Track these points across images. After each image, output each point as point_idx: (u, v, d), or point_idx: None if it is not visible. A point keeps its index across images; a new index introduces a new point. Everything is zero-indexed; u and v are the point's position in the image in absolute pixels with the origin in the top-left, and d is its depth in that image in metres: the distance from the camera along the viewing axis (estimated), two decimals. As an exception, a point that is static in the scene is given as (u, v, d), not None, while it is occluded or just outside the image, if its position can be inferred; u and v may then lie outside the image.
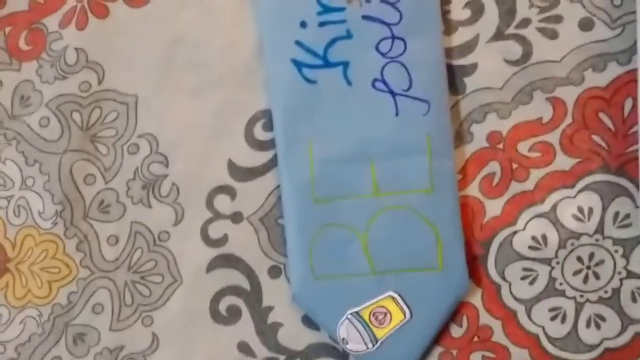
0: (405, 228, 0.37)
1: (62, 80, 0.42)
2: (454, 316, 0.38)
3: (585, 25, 0.38)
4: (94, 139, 0.42)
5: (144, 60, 0.41)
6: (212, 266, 0.40)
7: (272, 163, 0.40)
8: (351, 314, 0.38)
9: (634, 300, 0.37)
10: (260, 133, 0.40)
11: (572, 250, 0.38)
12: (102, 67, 0.41)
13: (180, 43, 0.41)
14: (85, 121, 0.42)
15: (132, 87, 0.41)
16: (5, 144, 0.42)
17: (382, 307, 0.38)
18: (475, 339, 0.39)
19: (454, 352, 0.39)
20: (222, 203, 0.41)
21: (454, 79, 0.39)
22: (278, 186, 0.39)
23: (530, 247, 0.38)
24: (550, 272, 0.38)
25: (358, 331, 0.38)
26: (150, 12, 0.41)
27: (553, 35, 0.38)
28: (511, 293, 0.38)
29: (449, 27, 0.39)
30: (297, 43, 0.38)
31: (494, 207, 0.38)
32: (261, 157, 0.40)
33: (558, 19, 0.38)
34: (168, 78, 0.41)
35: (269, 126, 0.40)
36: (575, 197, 0.38)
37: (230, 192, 0.40)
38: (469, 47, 0.39)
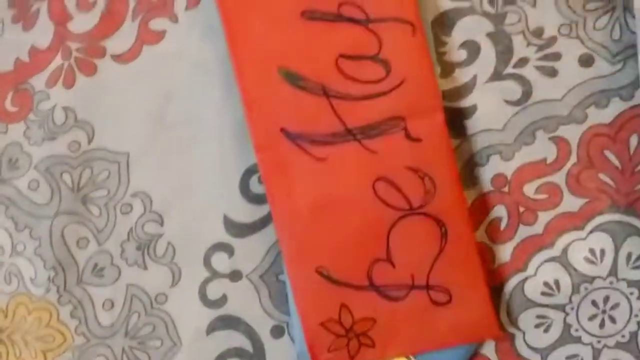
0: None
1: (50, 140, 0.41)
2: (468, 370, 0.37)
3: (585, 61, 0.37)
4: (86, 200, 0.40)
5: (134, 116, 0.40)
6: (212, 328, 0.39)
7: (270, 217, 0.38)
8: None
9: (654, 343, 0.36)
10: (256, 186, 0.39)
11: (587, 295, 0.36)
12: (92, 125, 0.40)
13: (171, 98, 0.40)
14: (75, 182, 0.40)
15: (123, 144, 0.40)
16: (-6, 210, 0.41)
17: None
18: (492, 392, 0.37)
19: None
20: (220, 261, 0.39)
21: (454, 121, 0.38)
22: (277, 241, 0.38)
23: (542, 293, 0.37)
24: (565, 319, 0.36)
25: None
26: (139, 68, 0.40)
27: (552, 73, 0.37)
28: (526, 342, 0.37)
29: (445, 69, 0.38)
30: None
31: (503, 253, 0.37)
32: (258, 212, 0.39)
33: (557, 56, 0.37)
34: (160, 134, 0.40)
35: (265, 179, 0.39)
36: (585, 238, 0.37)
37: (228, 249, 0.39)
38: (467, 88, 0.38)
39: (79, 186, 0.40)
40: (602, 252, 0.36)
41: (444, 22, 0.38)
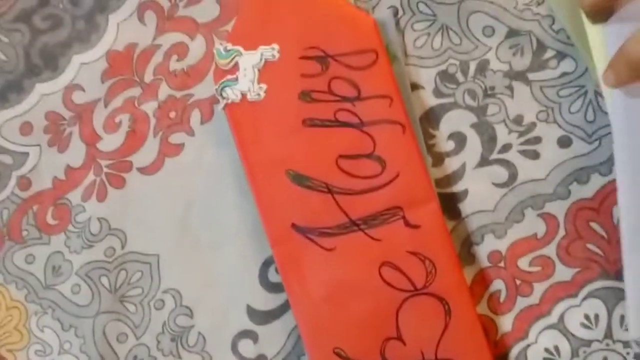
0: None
1: (88, 248, 0.45)
2: None
3: (564, 142, 0.40)
4: (123, 299, 0.45)
5: (161, 222, 0.44)
6: (244, 411, 0.42)
7: (288, 304, 0.42)
8: None
9: (654, 400, 0.38)
10: (274, 276, 0.43)
11: (586, 358, 0.39)
12: (124, 232, 0.45)
13: (194, 204, 0.44)
14: (113, 284, 0.45)
15: (153, 247, 0.44)
16: (42, 313, 0.46)
17: None
18: None
19: None
20: (246, 347, 0.43)
21: (449, 205, 0.41)
22: (296, 326, 0.42)
23: (545, 359, 0.39)
24: (568, 381, 0.39)
25: None
26: (163, 179, 0.44)
27: (535, 155, 0.41)
28: (533, 406, 0.39)
29: (436, 159, 0.41)
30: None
31: (504, 323, 0.40)
32: (277, 299, 0.42)
33: (537, 140, 0.41)
34: (185, 237, 0.44)
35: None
36: (580, 305, 0.39)
37: (253, 335, 0.43)
38: (457, 175, 0.41)
39: (116, 287, 0.45)
40: (597, 316, 0.39)
41: (431, 117, 0.42)
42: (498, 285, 0.40)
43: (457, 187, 0.41)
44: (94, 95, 0.45)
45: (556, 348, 0.39)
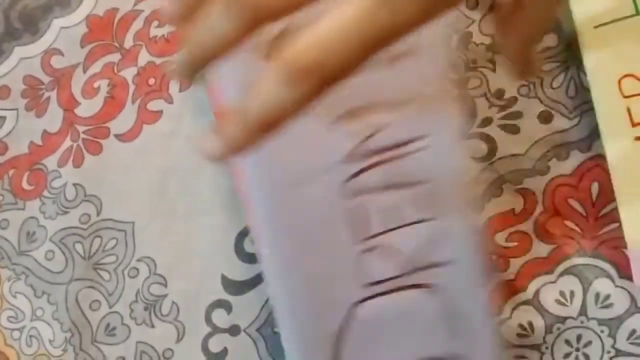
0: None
1: (63, 214, 0.45)
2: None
3: (545, 118, 0.40)
4: (97, 266, 0.44)
5: (137, 190, 0.44)
6: (215, 380, 0.42)
7: (263, 275, 0.42)
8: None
9: (627, 378, 0.38)
10: (249, 247, 0.42)
11: (559, 335, 0.39)
12: (100, 199, 0.44)
13: (171, 172, 0.44)
14: (87, 251, 0.44)
15: (128, 215, 0.44)
16: (15, 279, 0.45)
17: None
18: None
19: None
20: (220, 317, 0.42)
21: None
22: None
23: (518, 335, 0.39)
24: (541, 358, 0.39)
25: None
26: (140, 146, 0.44)
27: (515, 130, 0.40)
28: (506, 382, 0.39)
29: (416, 132, 0.41)
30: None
31: (479, 299, 0.40)
32: (252, 270, 0.42)
33: (518, 114, 0.40)
34: (161, 205, 0.44)
35: (258, 239, 0.42)
36: (556, 282, 0.39)
37: (227, 306, 0.42)
38: (437, 148, 0.41)
39: (90, 254, 0.44)
40: (572, 293, 0.39)
41: (412, 90, 0.41)
42: (474, 260, 0.40)
43: (436, 161, 0.41)
44: (73, 60, 0.45)
45: (530, 324, 0.39)
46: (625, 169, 0.36)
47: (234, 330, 0.42)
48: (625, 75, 0.37)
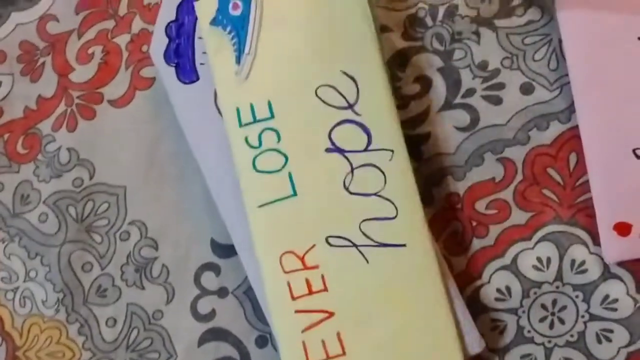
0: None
1: (57, 178, 0.46)
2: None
3: (526, 89, 0.41)
4: (89, 229, 0.45)
5: (129, 154, 0.45)
6: (203, 340, 0.43)
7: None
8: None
9: (599, 341, 0.39)
10: (239, 212, 0.44)
11: (536, 299, 0.40)
12: (93, 163, 0.45)
13: (162, 138, 0.45)
14: (79, 214, 0.45)
15: (120, 179, 0.45)
16: (9, 241, 0.46)
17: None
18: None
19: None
20: (208, 280, 0.44)
21: (412, 147, 0.42)
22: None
23: (496, 299, 0.40)
24: (517, 321, 0.40)
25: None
26: (133, 111, 0.45)
27: (497, 101, 0.42)
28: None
29: (402, 101, 0.42)
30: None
31: (459, 264, 0.41)
32: (241, 234, 0.43)
33: (500, 86, 0.42)
34: (152, 169, 0.45)
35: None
36: (533, 248, 0.40)
37: (215, 268, 0.44)
38: (421, 117, 0.42)
39: (82, 217, 0.45)
40: (549, 259, 0.40)
41: (398, 60, 0.42)
42: (455, 226, 0.41)
43: (421, 129, 0.42)
44: (68, 26, 0.46)
45: (508, 288, 0.40)
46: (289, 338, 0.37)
47: (222, 293, 0.43)
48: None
